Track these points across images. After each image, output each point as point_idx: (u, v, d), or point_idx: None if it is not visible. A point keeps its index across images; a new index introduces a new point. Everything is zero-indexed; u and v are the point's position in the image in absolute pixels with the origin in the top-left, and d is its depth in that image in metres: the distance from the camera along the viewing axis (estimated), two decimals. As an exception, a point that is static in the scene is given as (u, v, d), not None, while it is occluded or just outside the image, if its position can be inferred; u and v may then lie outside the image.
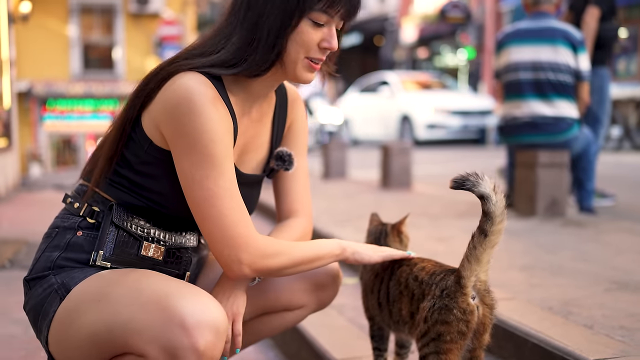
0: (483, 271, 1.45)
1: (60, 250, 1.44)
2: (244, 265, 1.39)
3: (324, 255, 1.51)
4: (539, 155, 3.86)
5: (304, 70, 1.43)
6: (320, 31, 1.40)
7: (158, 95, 1.39)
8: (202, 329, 1.24)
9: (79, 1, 15.96)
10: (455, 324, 1.43)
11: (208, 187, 1.36)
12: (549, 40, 3.93)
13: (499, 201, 1.39)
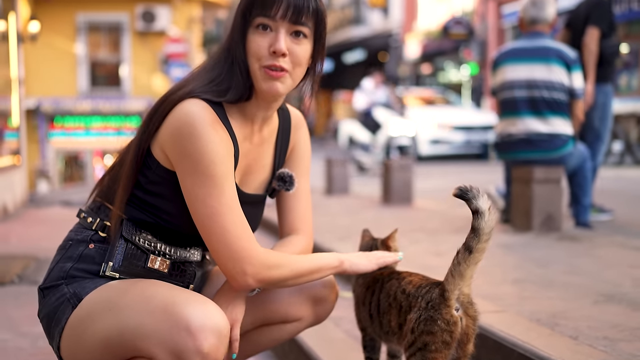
0: (466, 285, 1.54)
1: (73, 262, 1.55)
2: (248, 276, 1.49)
3: (322, 267, 1.61)
4: (534, 171, 3.96)
5: (263, 81, 1.49)
6: (267, 36, 1.48)
7: (165, 121, 1.50)
8: (206, 332, 1.35)
9: (86, 20, 16.17)
10: (440, 334, 1.52)
11: (211, 204, 1.47)
12: (543, 59, 4.04)
13: (489, 220, 1.48)
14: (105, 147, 16.27)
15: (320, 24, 1.52)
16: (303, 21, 1.48)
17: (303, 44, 1.50)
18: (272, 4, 1.45)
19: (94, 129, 16.65)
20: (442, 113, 13.71)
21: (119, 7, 16.03)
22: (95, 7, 15.91)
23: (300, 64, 1.52)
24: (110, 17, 16.31)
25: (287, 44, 1.47)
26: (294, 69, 1.51)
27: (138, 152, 1.53)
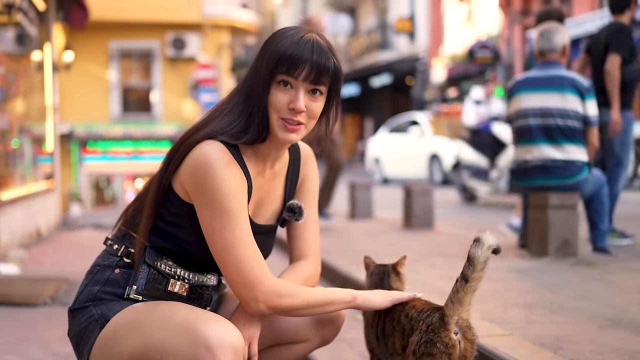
0: (465, 311, 1.65)
1: (100, 285, 1.69)
2: (260, 302, 1.62)
3: (335, 300, 1.73)
4: (549, 197, 4.04)
5: (280, 130, 1.63)
6: (288, 94, 1.62)
7: (185, 160, 1.64)
8: (223, 349, 1.48)
9: (118, 47, 16.60)
10: (439, 356, 1.62)
11: (226, 237, 1.61)
12: (557, 88, 4.13)
13: (484, 251, 1.60)
14: (137, 170, 16.61)
15: (337, 82, 1.67)
16: (322, 81, 1.62)
17: (319, 100, 1.65)
18: (297, 66, 1.59)
19: (125, 153, 17.01)
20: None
21: (150, 35, 16.44)
22: (127, 35, 16.34)
23: (315, 117, 1.67)
24: (142, 45, 16.73)
25: (305, 102, 1.62)
26: (308, 121, 1.66)
27: (160, 188, 1.67)
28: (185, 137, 1.68)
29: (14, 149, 6.98)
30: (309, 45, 1.60)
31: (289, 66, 1.59)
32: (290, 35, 1.63)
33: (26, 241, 6.64)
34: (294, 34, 1.63)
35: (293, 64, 1.59)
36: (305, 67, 1.60)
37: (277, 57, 1.60)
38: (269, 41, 1.66)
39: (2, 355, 3.03)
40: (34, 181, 7.80)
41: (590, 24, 11.59)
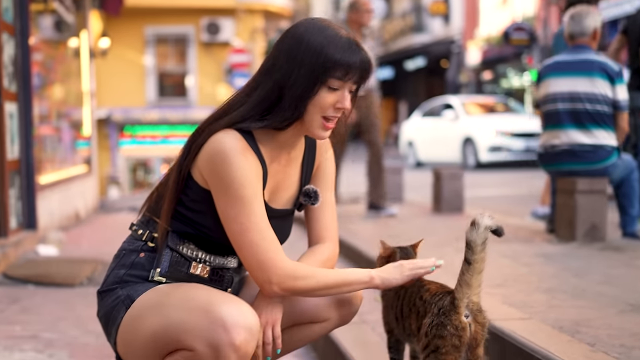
0: (475, 294, 1.71)
1: (126, 268, 1.78)
2: (274, 284, 1.69)
3: (352, 281, 1.78)
4: (577, 182, 4.02)
5: (318, 129, 1.72)
6: (335, 94, 1.69)
7: (202, 150, 1.70)
8: (239, 328, 1.56)
9: (154, 32, 16.80)
10: (449, 339, 1.68)
11: (241, 222, 1.68)
12: (586, 72, 4.10)
13: (481, 233, 1.65)
14: (172, 154, 16.84)
15: (367, 80, 1.75)
16: (362, 82, 1.73)
17: (350, 97, 1.74)
18: (349, 71, 1.67)
19: (161, 137, 17.26)
20: (502, 120, 13.67)
21: (185, 20, 16.60)
22: (163, 21, 16.52)
23: (348, 111, 1.76)
24: (177, 30, 16.90)
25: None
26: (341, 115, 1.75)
27: (179, 175, 1.74)
28: (204, 126, 1.74)
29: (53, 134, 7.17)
30: (354, 49, 1.68)
31: (344, 73, 1.67)
32: (335, 37, 1.68)
33: (65, 223, 6.84)
34: (338, 37, 1.68)
35: (347, 70, 1.67)
36: (356, 72, 1.68)
37: (329, 63, 1.66)
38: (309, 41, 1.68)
39: (41, 332, 3.18)
40: (72, 165, 8.00)
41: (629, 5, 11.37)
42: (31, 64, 5.44)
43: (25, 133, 5.35)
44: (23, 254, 4.94)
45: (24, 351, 2.88)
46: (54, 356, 2.83)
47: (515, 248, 4.00)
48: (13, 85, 5.18)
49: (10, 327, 3.27)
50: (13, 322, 3.36)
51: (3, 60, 4.89)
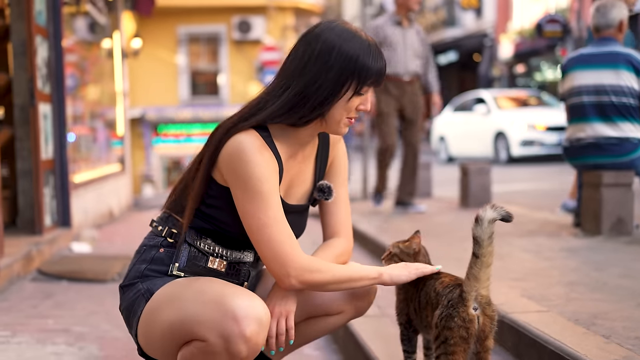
0: (483, 287, 1.73)
1: (147, 263, 1.86)
2: (292, 278, 1.75)
3: (362, 277, 1.85)
4: (603, 176, 4.00)
5: (344, 127, 1.81)
6: (361, 97, 1.78)
7: (222, 149, 1.76)
8: (249, 320, 1.62)
9: (186, 32, 17.00)
10: (457, 330, 1.72)
11: (259, 217, 1.73)
12: (612, 65, 4.07)
13: (485, 228, 1.68)
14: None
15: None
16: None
17: None
18: (380, 78, 1.77)
19: (194, 136, 17.47)
20: (534, 114, 13.52)
21: (216, 19, 16.77)
22: (195, 20, 16.72)
23: None
24: (209, 29, 17.09)
25: None
26: None
27: (205, 177, 1.79)
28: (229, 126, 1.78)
29: (87, 134, 7.34)
30: (380, 56, 1.76)
31: (375, 80, 1.77)
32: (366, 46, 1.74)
33: (99, 221, 7.00)
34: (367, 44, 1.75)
35: (379, 78, 1.77)
36: (383, 77, 1.79)
37: (365, 73, 1.73)
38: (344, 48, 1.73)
39: (72, 326, 3.29)
40: (106, 164, 8.18)
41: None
42: (64, 65, 5.59)
43: (59, 133, 5.50)
44: (57, 251, 5.09)
45: (55, 344, 2.99)
46: (84, 349, 2.93)
47: (540, 242, 4.00)
48: (47, 87, 5.33)
49: (44, 321, 3.39)
50: (46, 316, 3.48)
51: (37, 63, 5.04)
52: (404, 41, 5.68)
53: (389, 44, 5.61)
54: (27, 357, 2.81)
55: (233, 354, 1.62)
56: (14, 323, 3.34)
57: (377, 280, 1.86)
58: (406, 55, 5.65)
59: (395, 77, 5.63)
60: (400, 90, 5.65)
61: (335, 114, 1.77)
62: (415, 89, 5.73)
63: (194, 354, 1.68)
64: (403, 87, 5.67)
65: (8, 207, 5.16)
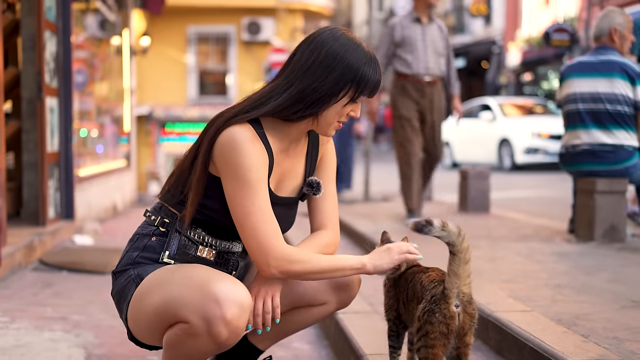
0: (465, 284, 1.79)
1: (139, 251, 1.93)
2: (272, 267, 1.82)
3: (344, 267, 1.90)
4: (597, 182, 4.05)
5: (333, 130, 1.89)
6: (353, 105, 1.87)
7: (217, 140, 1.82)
8: (230, 303, 1.68)
9: (196, 31, 17.10)
10: (438, 325, 1.78)
11: (245, 205, 1.80)
12: (607, 73, 4.12)
13: (451, 233, 1.74)
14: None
15: None
16: None
17: None
18: (376, 89, 1.86)
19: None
20: (539, 122, 13.56)
21: (226, 20, 16.86)
22: (205, 20, 16.81)
23: None
24: (219, 29, 17.18)
25: None
26: None
27: (204, 169, 1.84)
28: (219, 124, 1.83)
29: (95, 129, 7.43)
30: (377, 67, 1.85)
31: (372, 90, 1.85)
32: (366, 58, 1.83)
33: (102, 215, 7.09)
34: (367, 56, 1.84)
35: (375, 88, 1.86)
36: (378, 89, 1.88)
37: (365, 83, 1.83)
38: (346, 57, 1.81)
39: (70, 314, 3.37)
40: (112, 159, 8.27)
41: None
42: (72, 60, 5.68)
43: (65, 127, 5.59)
44: (59, 243, 5.18)
45: (53, 331, 3.07)
46: (80, 336, 3.01)
47: (534, 246, 4.05)
48: (54, 81, 5.43)
49: (42, 308, 3.47)
50: (45, 304, 3.56)
51: (45, 57, 5.13)
52: (424, 39, 5.19)
53: (407, 43, 5.16)
54: (25, 342, 2.88)
55: (214, 336, 1.69)
56: (14, 309, 3.42)
57: (360, 270, 1.90)
58: (427, 53, 5.16)
59: (414, 78, 5.17)
60: (420, 92, 5.18)
61: (328, 116, 1.85)
62: (436, 91, 5.24)
63: (178, 335, 1.75)
64: (423, 89, 5.18)
65: (13, 198, 5.25)
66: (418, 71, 5.18)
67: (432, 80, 5.22)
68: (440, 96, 5.29)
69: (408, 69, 5.18)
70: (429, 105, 5.21)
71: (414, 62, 5.16)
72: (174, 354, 1.82)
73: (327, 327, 3.08)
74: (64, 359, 2.70)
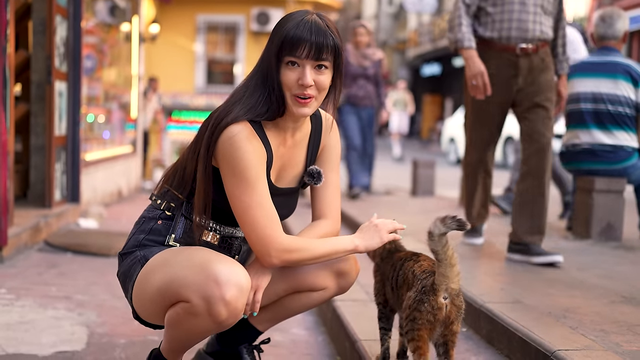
0: (453, 282, 1.87)
1: (145, 234, 2.00)
2: (272, 257, 1.89)
3: (338, 250, 1.98)
4: (595, 181, 4.11)
5: (294, 106, 1.87)
6: (296, 72, 1.84)
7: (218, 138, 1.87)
8: (230, 285, 1.75)
9: (205, 20, 17.15)
10: (425, 314, 1.87)
11: (244, 200, 1.86)
12: (610, 74, 4.17)
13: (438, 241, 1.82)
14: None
15: (338, 57, 1.88)
16: (324, 57, 1.84)
17: (325, 74, 1.87)
18: (298, 46, 1.82)
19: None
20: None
21: (236, 10, 16.90)
22: (214, 9, 16.86)
23: (324, 89, 1.89)
24: (228, 19, 17.21)
25: (312, 76, 1.84)
26: (319, 93, 1.89)
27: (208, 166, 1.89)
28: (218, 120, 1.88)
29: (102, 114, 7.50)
30: (307, 26, 1.82)
31: (292, 47, 1.82)
32: (292, 19, 1.86)
33: (107, 200, 7.17)
34: (295, 18, 1.86)
35: (295, 44, 1.82)
36: (305, 46, 1.82)
37: (281, 41, 1.83)
38: (276, 26, 1.89)
39: (73, 294, 3.45)
40: (119, 145, 8.34)
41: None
42: (82, 45, 5.74)
43: (73, 111, 5.66)
44: (65, 225, 5.26)
45: (56, 309, 3.15)
46: (83, 315, 3.09)
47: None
48: (64, 66, 5.49)
49: (47, 287, 3.55)
50: (50, 284, 3.65)
51: (55, 41, 5.19)
52: None
53: None
54: (29, 319, 2.96)
55: (214, 315, 1.76)
56: (19, 288, 3.50)
57: (353, 251, 2.00)
58: (526, 9, 3.50)
59: (502, 45, 3.53)
60: (512, 66, 3.53)
61: (284, 94, 1.86)
62: (539, 63, 3.55)
63: (179, 314, 1.82)
64: (517, 62, 3.52)
65: (20, 180, 5.34)
66: (510, 33, 3.52)
67: (535, 47, 3.55)
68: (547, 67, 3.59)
69: (492, 32, 3.56)
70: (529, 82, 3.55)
71: (505, 21, 3.54)
72: (175, 332, 1.89)
73: (325, 314, 3.15)
74: (67, 335, 2.78)
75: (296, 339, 2.96)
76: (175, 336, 1.91)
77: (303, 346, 2.87)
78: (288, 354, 2.75)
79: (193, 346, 1.99)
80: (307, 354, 2.77)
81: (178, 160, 2.07)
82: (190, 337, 1.89)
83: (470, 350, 2.40)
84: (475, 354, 2.36)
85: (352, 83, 6.91)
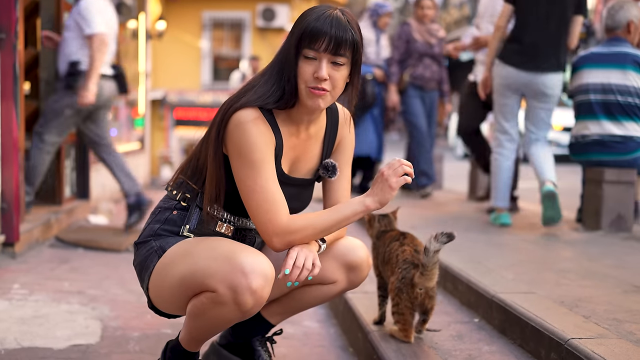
0: (430, 281, 2.19)
1: (160, 224, 2.01)
2: (275, 242, 1.88)
3: (347, 215, 1.90)
4: (605, 172, 4.10)
5: (308, 98, 1.87)
6: (313, 65, 1.84)
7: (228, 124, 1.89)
8: (255, 274, 1.77)
9: (211, 17, 17.16)
10: (404, 301, 2.23)
11: (248, 184, 1.87)
12: (620, 64, 4.16)
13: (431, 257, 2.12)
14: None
15: (357, 53, 1.88)
16: (341, 52, 1.84)
17: (341, 70, 1.87)
18: (317, 38, 1.82)
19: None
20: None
21: (241, 6, 16.89)
22: (220, 6, 16.86)
23: (338, 86, 1.88)
24: (233, 15, 17.21)
25: (327, 71, 1.84)
26: (333, 89, 1.88)
27: (218, 150, 1.90)
28: (228, 106, 1.91)
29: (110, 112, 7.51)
30: (328, 20, 1.82)
31: (311, 39, 1.82)
32: (314, 12, 1.87)
33: (116, 196, 7.18)
34: (318, 11, 1.86)
35: (314, 36, 1.82)
36: (324, 39, 1.82)
37: (301, 32, 1.84)
38: (298, 18, 1.90)
39: (86, 289, 3.47)
40: (127, 142, 8.36)
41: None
42: (90, 43, 5.74)
43: (82, 108, 5.66)
44: (75, 221, 5.29)
45: (70, 304, 3.17)
46: (96, 309, 3.11)
47: (541, 234, 4.11)
48: (72, 63, 5.49)
49: (60, 283, 3.57)
50: (62, 279, 3.67)
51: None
52: None
53: None
54: (43, 313, 2.98)
55: (240, 304, 1.78)
56: (32, 283, 3.52)
57: (366, 211, 1.90)
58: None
59: None
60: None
61: (299, 85, 1.86)
62: None
63: (204, 303, 1.84)
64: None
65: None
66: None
67: None
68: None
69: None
70: None
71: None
72: (198, 321, 1.90)
73: (336, 306, 3.17)
74: (81, 329, 2.80)
75: (308, 331, 2.97)
76: (197, 325, 1.92)
77: (315, 338, 2.88)
78: (300, 345, 2.76)
79: (213, 336, 2.00)
80: (319, 345, 2.79)
81: (193, 150, 2.08)
82: (213, 326, 1.90)
83: (483, 340, 2.41)
84: (489, 343, 2.37)
85: (417, 62, 6.12)
